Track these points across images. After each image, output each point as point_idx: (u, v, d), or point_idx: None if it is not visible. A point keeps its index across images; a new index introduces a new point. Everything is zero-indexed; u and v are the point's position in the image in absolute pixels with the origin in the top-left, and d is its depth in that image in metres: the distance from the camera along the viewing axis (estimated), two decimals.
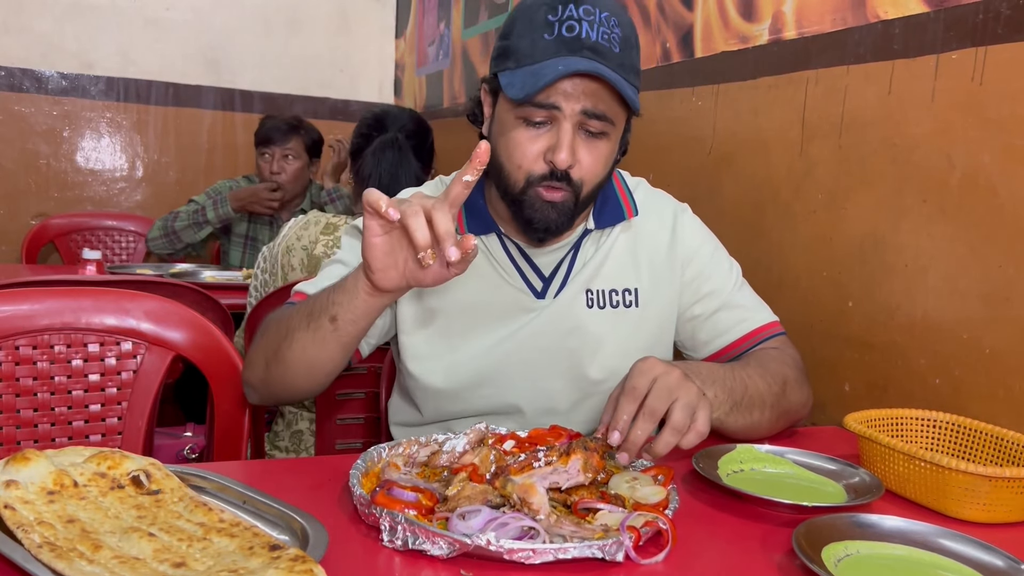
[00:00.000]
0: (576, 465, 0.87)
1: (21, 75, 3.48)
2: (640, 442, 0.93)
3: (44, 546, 0.68)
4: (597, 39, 1.10)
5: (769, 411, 1.17)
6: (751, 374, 1.16)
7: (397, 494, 0.83)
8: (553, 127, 1.13)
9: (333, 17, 4.01)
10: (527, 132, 1.14)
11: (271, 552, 0.70)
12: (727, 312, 1.29)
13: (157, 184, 3.76)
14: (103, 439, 1.33)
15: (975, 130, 1.27)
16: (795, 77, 1.62)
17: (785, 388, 1.19)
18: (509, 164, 1.16)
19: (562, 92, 1.10)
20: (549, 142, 1.13)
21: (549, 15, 1.11)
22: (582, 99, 1.11)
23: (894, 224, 1.41)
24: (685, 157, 1.95)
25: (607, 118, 1.13)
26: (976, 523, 0.95)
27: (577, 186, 1.15)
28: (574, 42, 1.10)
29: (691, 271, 1.29)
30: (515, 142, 1.15)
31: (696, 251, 1.30)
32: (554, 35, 1.10)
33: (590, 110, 1.11)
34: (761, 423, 1.16)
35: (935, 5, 1.33)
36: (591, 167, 1.15)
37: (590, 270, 1.26)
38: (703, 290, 1.29)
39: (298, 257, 1.89)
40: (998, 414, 1.21)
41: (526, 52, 1.12)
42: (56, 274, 2.65)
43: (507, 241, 1.26)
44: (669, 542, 0.80)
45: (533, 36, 1.12)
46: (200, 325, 1.35)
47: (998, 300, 1.23)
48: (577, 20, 1.10)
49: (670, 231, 1.30)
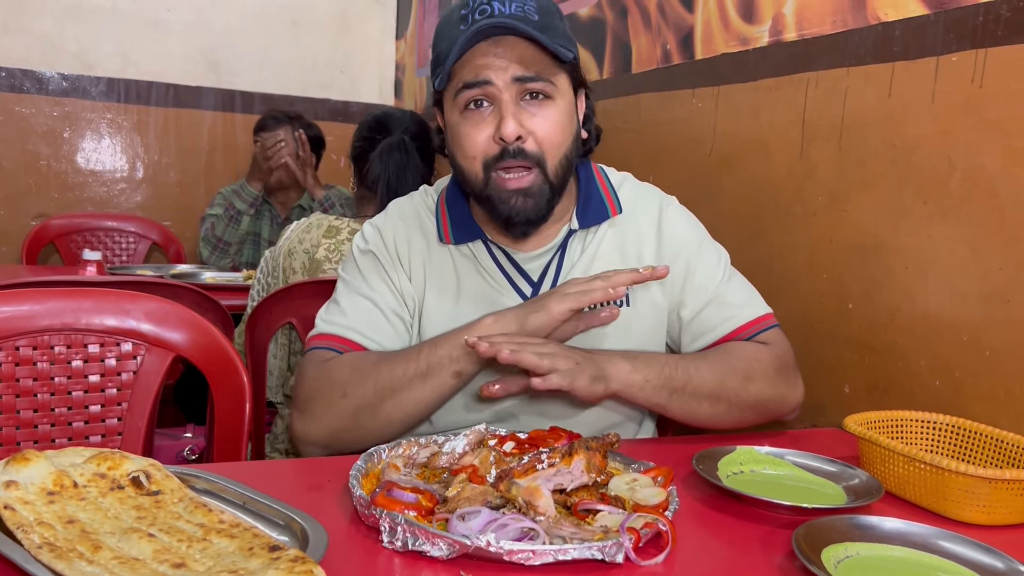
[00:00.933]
0: (579, 466, 0.87)
1: (22, 76, 3.48)
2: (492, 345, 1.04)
3: (44, 547, 0.68)
4: (511, 12, 1.11)
5: (724, 404, 1.18)
6: (700, 366, 1.17)
7: (397, 495, 0.83)
8: (494, 107, 1.14)
9: (333, 18, 4.01)
10: (471, 120, 1.15)
11: (271, 553, 0.70)
12: (714, 309, 1.27)
13: (157, 185, 3.76)
14: (103, 440, 1.33)
15: (975, 132, 1.27)
16: (795, 79, 1.63)
17: (748, 382, 1.19)
18: (464, 159, 1.17)
19: (489, 67, 1.12)
20: (494, 122, 1.14)
21: (462, 10, 1.14)
22: (510, 67, 1.12)
23: (894, 226, 1.41)
24: (685, 159, 1.95)
25: (543, 77, 1.13)
26: (976, 525, 0.95)
27: (538, 159, 1.15)
28: (487, 20, 1.11)
29: (679, 267, 1.28)
30: (463, 134, 1.16)
31: (683, 246, 1.29)
32: (468, 23, 1.12)
33: (521, 74, 1.12)
34: (717, 414, 1.18)
35: (935, 7, 1.33)
36: (545, 133, 1.15)
37: (579, 271, 1.26)
38: (691, 286, 1.28)
39: (300, 260, 1.90)
40: (998, 416, 1.21)
41: (446, 49, 1.13)
42: (56, 275, 2.65)
43: (494, 248, 1.26)
44: (669, 544, 0.80)
45: (451, 35, 1.14)
46: (200, 326, 1.35)
47: (998, 302, 1.23)
48: (487, 3, 1.12)
49: (656, 227, 1.30)
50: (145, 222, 3.62)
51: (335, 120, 3.94)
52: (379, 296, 1.26)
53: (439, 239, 1.27)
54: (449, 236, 1.26)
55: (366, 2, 4.06)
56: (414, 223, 1.31)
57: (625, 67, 2.20)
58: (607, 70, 2.28)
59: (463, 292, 1.26)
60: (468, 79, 1.13)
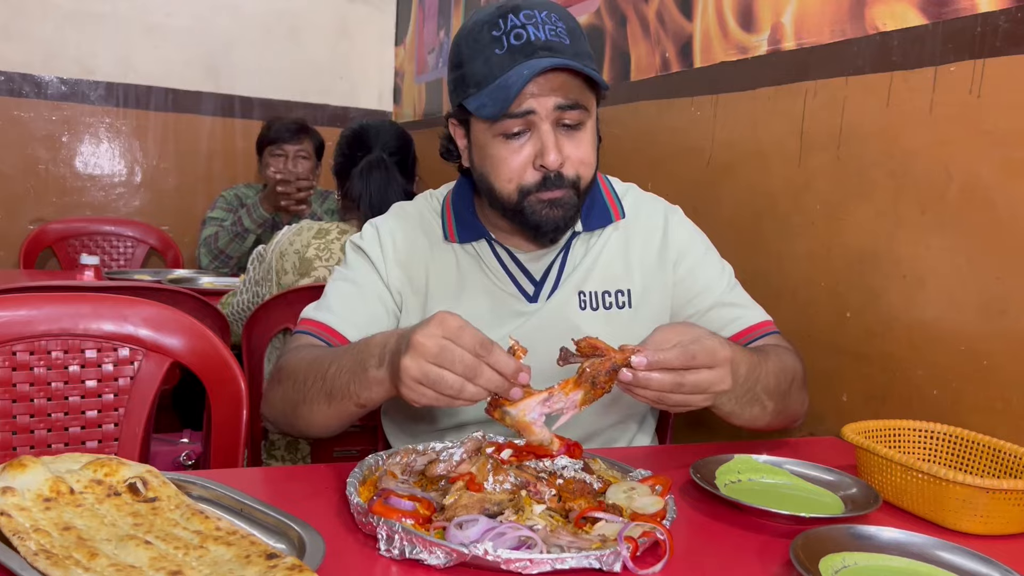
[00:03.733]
0: (576, 397, 0.92)
1: (21, 80, 3.48)
2: (653, 395, 0.96)
3: (40, 554, 0.68)
4: (547, 38, 1.13)
5: (772, 405, 1.15)
6: (769, 370, 1.13)
7: (394, 503, 0.83)
8: (532, 133, 1.15)
9: (333, 24, 4.01)
10: (508, 146, 1.16)
11: (268, 561, 0.70)
12: (720, 310, 1.29)
13: (156, 190, 3.76)
14: (99, 445, 1.32)
15: (973, 142, 1.27)
16: (794, 88, 1.63)
17: (792, 387, 1.19)
18: (499, 181, 1.18)
19: (532, 96, 1.12)
20: (533, 148, 1.15)
21: (493, 31, 1.14)
22: (552, 96, 1.13)
23: (892, 235, 1.41)
24: (684, 167, 1.96)
25: (580, 105, 1.15)
26: (974, 535, 0.95)
27: (574, 181, 1.17)
28: (526, 47, 1.12)
29: (683, 270, 1.30)
30: (500, 159, 1.17)
31: (687, 251, 1.32)
32: (505, 48, 1.13)
33: (563, 103, 1.13)
34: (763, 415, 1.15)
35: (934, 17, 1.34)
36: (581, 158, 1.17)
37: (581, 272, 1.28)
38: (695, 288, 1.30)
39: (291, 261, 1.92)
40: (996, 426, 1.21)
41: (484, 72, 1.14)
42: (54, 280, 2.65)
43: (498, 247, 1.28)
44: (666, 553, 0.80)
45: (485, 55, 1.14)
46: (198, 332, 1.34)
47: (996, 312, 1.24)
48: (521, 27, 1.13)
49: (661, 232, 1.32)
50: (143, 227, 3.62)
51: (334, 125, 3.93)
52: (361, 278, 1.27)
53: (444, 237, 1.29)
54: (454, 235, 1.28)
55: (366, 8, 4.07)
56: (415, 222, 1.33)
57: (624, 75, 2.21)
58: (606, 78, 2.29)
59: (467, 288, 1.27)
60: (511, 109, 1.13)
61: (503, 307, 1.27)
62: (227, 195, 3.16)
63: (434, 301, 1.27)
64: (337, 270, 1.32)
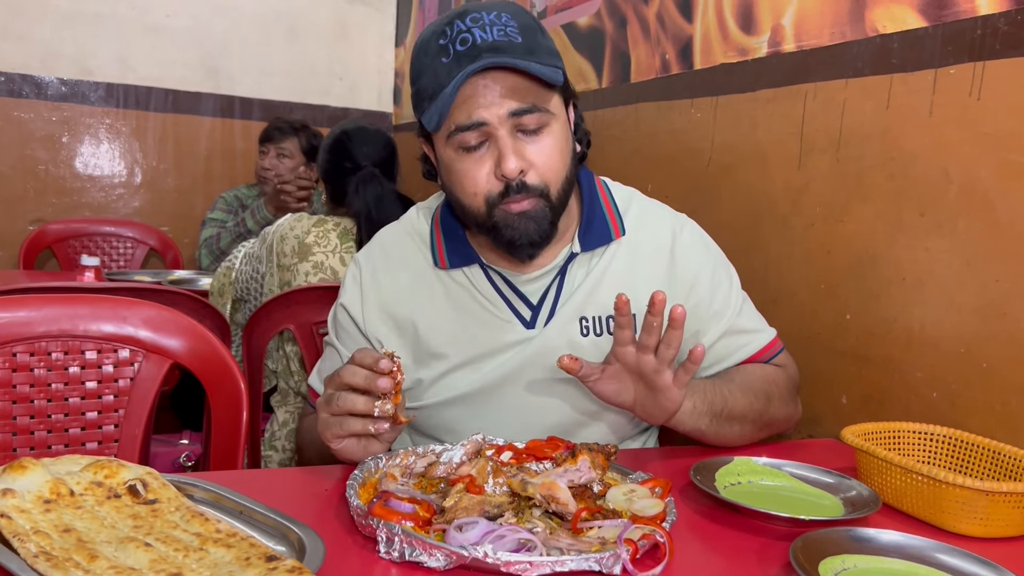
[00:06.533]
0: (586, 463, 0.91)
1: (20, 80, 3.48)
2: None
3: (40, 556, 0.68)
4: (494, 39, 1.07)
5: (750, 425, 1.19)
6: (732, 391, 1.16)
7: (394, 505, 0.83)
8: (490, 143, 1.10)
9: (332, 25, 4.01)
10: (469, 159, 1.12)
11: (267, 563, 0.70)
12: (728, 339, 1.26)
13: (155, 191, 3.76)
14: (99, 447, 1.32)
15: (972, 145, 1.27)
16: (794, 90, 1.63)
17: (769, 403, 1.21)
18: (464, 195, 1.14)
19: (481, 105, 1.07)
20: (492, 158, 1.10)
21: (440, 40, 1.09)
22: (504, 102, 1.08)
23: (891, 238, 1.41)
24: (684, 169, 1.96)
25: (538, 108, 1.09)
26: (973, 538, 0.95)
27: (541, 190, 1.12)
28: (471, 51, 1.07)
29: (695, 297, 1.24)
30: (461, 172, 1.13)
31: (698, 276, 1.26)
32: (451, 55, 1.08)
33: (516, 108, 1.08)
34: (742, 435, 1.19)
35: (933, 20, 1.34)
36: (545, 163, 1.11)
37: (581, 296, 1.21)
38: (705, 317, 1.25)
39: (290, 244, 2.01)
40: (995, 428, 1.21)
41: (434, 84, 1.09)
42: (54, 281, 2.65)
43: (491, 272, 1.23)
44: (666, 555, 0.80)
45: (434, 67, 1.09)
46: (198, 333, 1.34)
47: (995, 314, 1.24)
48: (467, 31, 1.08)
49: (669, 252, 1.26)
50: (143, 227, 3.62)
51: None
52: (342, 340, 1.28)
53: (434, 263, 1.24)
54: (444, 260, 1.23)
55: (365, 9, 4.07)
56: (397, 256, 1.28)
57: (624, 77, 2.21)
58: (606, 79, 2.29)
59: (459, 318, 1.22)
60: (461, 121, 1.09)
61: (499, 335, 1.21)
62: (227, 196, 3.16)
63: (425, 337, 1.22)
64: (329, 330, 1.33)
